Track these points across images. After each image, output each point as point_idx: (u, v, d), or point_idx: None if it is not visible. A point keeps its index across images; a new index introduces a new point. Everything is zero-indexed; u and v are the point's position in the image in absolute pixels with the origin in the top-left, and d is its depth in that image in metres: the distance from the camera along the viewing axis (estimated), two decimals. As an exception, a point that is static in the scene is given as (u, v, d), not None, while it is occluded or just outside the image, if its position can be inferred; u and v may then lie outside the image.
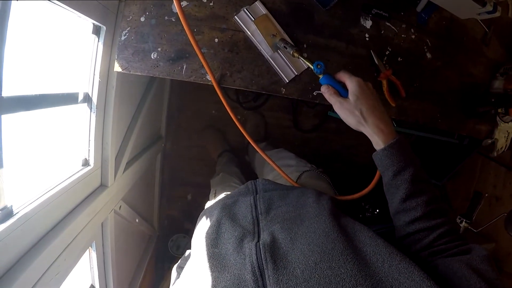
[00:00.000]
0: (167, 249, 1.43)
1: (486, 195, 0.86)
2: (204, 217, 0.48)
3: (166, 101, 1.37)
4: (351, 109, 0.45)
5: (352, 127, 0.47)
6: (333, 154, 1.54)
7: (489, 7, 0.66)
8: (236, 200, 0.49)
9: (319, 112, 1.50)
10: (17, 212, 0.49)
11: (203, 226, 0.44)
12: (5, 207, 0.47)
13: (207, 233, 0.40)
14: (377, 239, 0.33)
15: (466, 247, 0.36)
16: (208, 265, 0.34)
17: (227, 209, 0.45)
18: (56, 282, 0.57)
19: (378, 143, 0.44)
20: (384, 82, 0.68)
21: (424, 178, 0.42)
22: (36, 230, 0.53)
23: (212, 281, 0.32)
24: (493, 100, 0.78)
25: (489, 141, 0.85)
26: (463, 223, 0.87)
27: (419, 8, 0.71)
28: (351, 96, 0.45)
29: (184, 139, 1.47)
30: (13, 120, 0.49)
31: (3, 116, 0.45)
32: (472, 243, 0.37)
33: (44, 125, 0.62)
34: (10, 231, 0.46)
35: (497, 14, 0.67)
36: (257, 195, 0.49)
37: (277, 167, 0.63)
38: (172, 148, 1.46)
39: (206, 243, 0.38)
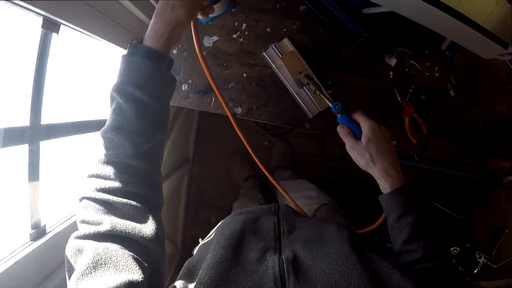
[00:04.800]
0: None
1: (507, 231, 0.84)
2: (226, 224, 0.48)
3: (194, 125, 1.41)
4: (361, 151, 0.47)
5: (361, 168, 0.48)
6: (360, 183, 1.49)
7: (511, 49, 0.66)
8: (259, 216, 0.50)
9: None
10: (50, 231, 0.52)
11: (224, 231, 0.43)
12: (38, 226, 0.51)
13: (230, 238, 0.40)
14: (392, 268, 0.35)
15: (463, 284, 0.38)
16: (228, 265, 0.35)
17: (250, 223, 0.46)
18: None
19: (384, 186, 0.46)
20: (406, 120, 0.69)
21: (427, 222, 0.44)
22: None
23: (231, 280, 0.33)
24: (516, 137, 0.77)
25: (510, 178, 0.84)
26: (482, 258, 0.86)
27: (444, 46, 0.72)
28: (363, 138, 0.47)
29: (211, 162, 1.50)
30: (47, 144, 0.52)
31: (41, 143, 0.49)
32: (488, 278, 0.40)
33: (75, 148, 0.66)
34: (43, 248, 0.49)
35: (520, 55, 0.67)
36: (280, 217, 0.50)
37: (294, 202, 0.64)
38: (199, 171, 1.49)
39: (228, 246, 0.38)
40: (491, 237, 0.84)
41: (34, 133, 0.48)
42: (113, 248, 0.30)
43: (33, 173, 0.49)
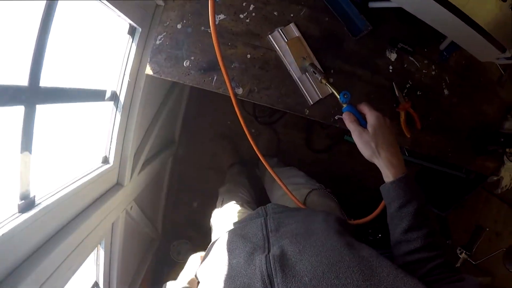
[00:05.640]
0: (168, 253, 1.42)
1: (487, 229, 0.88)
2: (216, 245, 0.50)
3: (183, 106, 1.38)
4: (368, 140, 0.47)
5: (366, 157, 0.49)
6: (343, 176, 1.53)
7: (508, 54, 0.69)
8: (246, 224, 0.51)
9: (331, 133, 1.51)
10: (39, 203, 0.50)
11: (216, 251, 0.46)
12: (27, 197, 0.48)
13: (221, 252, 0.43)
14: (381, 256, 0.36)
15: (459, 277, 0.39)
16: (220, 276, 0.37)
17: (238, 231, 0.48)
18: (67, 276, 0.57)
19: (387, 175, 0.47)
20: (402, 114, 0.71)
21: (426, 212, 0.45)
22: (54, 223, 0.54)
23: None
24: (502, 140, 0.81)
25: (495, 178, 0.88)
26: (463, 254, 0.89)
27: (442, 46, 0.74)
28: (369, 128, 0.48)
29: (196, 145, 1.47)
30: (42, 111, 0.49)
31: (37, 106, 0.46)
32: (470, 274, 0.40)
33: (69, 119, 0.63)
34: (31, 221, 0.46)
35: (515, 60, 0.70)
36: (267, 216, 0.51)
37: (285, 187, 0.64)
38: (183, 154, 1.47)
39: (220, 259, 0.41)
40: (473, 234, 0.87)
41: (32, 95, 0.45)
42: None
43: (27, 138, 0.46)
